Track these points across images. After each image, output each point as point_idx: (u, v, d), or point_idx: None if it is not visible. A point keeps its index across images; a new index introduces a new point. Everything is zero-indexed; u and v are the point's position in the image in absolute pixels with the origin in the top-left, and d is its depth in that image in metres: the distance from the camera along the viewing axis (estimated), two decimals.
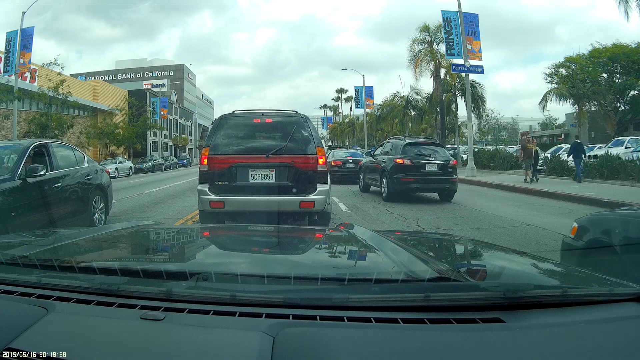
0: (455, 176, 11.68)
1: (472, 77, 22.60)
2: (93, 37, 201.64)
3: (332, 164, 16.72)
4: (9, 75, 23.61)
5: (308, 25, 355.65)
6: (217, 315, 1.06)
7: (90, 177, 7.66)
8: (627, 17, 18.14)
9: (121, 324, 1.05)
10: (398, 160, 11.38)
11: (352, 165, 17.40)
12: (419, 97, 37.76)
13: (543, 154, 17.13)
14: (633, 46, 30.05)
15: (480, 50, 20.61)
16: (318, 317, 1.05)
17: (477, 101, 28.19)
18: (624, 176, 14.98)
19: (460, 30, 20.21)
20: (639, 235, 2.93)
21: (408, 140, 12.52)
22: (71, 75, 40.97)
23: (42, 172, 5.97)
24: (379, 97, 67.05)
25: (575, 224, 3.63)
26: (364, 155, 17.70)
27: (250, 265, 1.64)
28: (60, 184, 6.62)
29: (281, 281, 1.30)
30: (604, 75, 31.04)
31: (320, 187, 6.23)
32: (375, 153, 13.85)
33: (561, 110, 63.90)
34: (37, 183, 6.01)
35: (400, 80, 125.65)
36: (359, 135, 56.74)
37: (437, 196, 11.94)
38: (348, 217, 8.83)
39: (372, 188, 13.50)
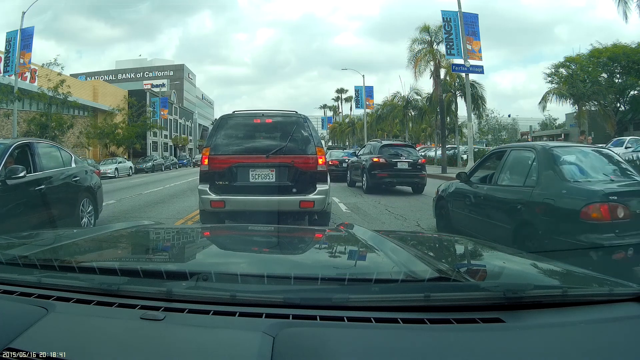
0: (424, 172, 13.68)
1: (472, 77, 22.57)
2: (93, 37, 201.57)
3: (330, 163, 17.66)
4: (9, 75, 23.59)
5: (308, 25, 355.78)
6: (217, 315, 1.06)
7: (78, 178, 7.30)
8: (626, 18, 18.07)
9: (121, 324, 1.05)
10: (375, 159, 13.45)
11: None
12: (419, 97, 37.68)
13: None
14: (633, 46, 30.00)
15: (480, 50, 20.58)
16: (318, 317, 1.05)
17: (477, 101, 28.16)
18: None
19: (460, 30, 20.19)
20: (450, 190, 6.54)
21: (384, 142, 14.93)
22: (71, 75, 40.95)
23: (21, 174, 5.66)
24: (379, 97, 67.09)
25: (437, 189, 7.21)
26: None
27: (250, 265, 1.64)
28: (43, 186, 6.23)
29: (281, 281, 1.30)
30: (604, 75, 31.01)
31: (320, 187, 6.24)
32: (359, 153, 15.81)
33: (561, 110, 63.81)
34: (18, 185, 5.69)
35: (400, 80, 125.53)
36: (359, 135, 56.65)
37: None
38: (348, 217, 8.83)
39: (357, 184, 15.21)
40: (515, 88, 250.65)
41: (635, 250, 4.06)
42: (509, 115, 65.32)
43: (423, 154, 21.71)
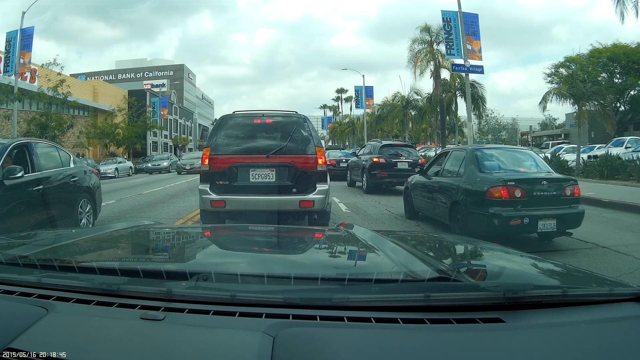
0: None
1: (472, 77, 22.51)
2: (93, 37, 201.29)
3: (328, 162, 17.30)
4: (9, 75, 23.56)
5: (307, 26, 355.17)
6: (217, 315, 1.06)
7: (77, 178, 7.25)
8: (622, 19, 18.00)
9: (121, 324, 1.05)
10: (375, 159, 13.61)
11: (345, 165, 18.59)
12: (419, 97, 37.71)
13: None
14: (633, 46, 30.03)
15: (480, 50, 20.54)
16: (318, 317, 1.05)
17: (477, 101, 28.16)
18: (624, 176, 14.96)
19: (460, 30, 20.17)
20: (413, 182, 8.48)
21: (384, 142, 15.06)
22: (71, 75, 40.92)
23: (19, 174, 5.64)
24: (378, 97, 66.62)
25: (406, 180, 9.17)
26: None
27: (250, 265, 1.63)
28: (41, 187, 6.17)
29: (281, 281, 1.30)
30: (604, 75, 31.02)
31: (320, 187, 6.25)
32: (359, 153, 15.88)
33: (561, 110, 63.68)
34: (15, 185, 5.66)
35: (400, 80, 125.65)
36: (359, 135, 56.59)
37: None
38: (348, 217, 8.83)
39: (357, 183, 15.28)
40: (515, 88, 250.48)
41: (530, 220, 5.59)
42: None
43: (423, 154, 21.70)
